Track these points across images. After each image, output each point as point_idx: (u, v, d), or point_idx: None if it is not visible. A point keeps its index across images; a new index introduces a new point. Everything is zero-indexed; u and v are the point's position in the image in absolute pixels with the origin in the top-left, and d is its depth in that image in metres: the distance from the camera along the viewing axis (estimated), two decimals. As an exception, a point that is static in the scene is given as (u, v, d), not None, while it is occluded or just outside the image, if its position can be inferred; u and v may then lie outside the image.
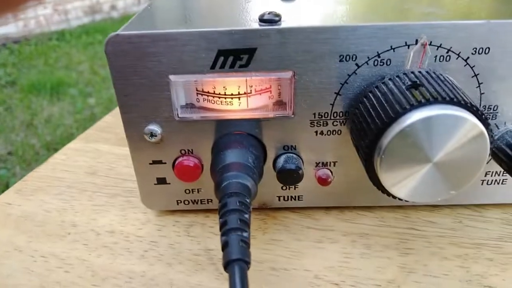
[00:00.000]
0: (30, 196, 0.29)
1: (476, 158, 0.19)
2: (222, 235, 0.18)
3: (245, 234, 0.18)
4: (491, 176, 0.25)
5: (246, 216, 0.19)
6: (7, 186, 1.19)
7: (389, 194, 0.20)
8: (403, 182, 0.20)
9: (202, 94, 0.23)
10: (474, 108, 0.18)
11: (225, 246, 0.17)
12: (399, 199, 0.20)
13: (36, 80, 1.92)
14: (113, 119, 0.39)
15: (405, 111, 0.18)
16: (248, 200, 0.20)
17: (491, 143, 0.19)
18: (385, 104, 0.19)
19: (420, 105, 0.18)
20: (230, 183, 0.20)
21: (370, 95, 0.21)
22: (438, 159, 0.19)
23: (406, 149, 0.19)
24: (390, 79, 0.21)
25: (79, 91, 1.84)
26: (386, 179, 0.20)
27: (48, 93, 1.83)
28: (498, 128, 0.23)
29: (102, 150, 0.34)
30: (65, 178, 0.31)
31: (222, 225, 0.18)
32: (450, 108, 0.18)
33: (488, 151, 0.19)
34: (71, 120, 1.63)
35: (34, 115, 1.67)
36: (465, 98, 0.19)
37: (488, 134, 0.19)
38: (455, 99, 0.18)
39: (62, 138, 1.51)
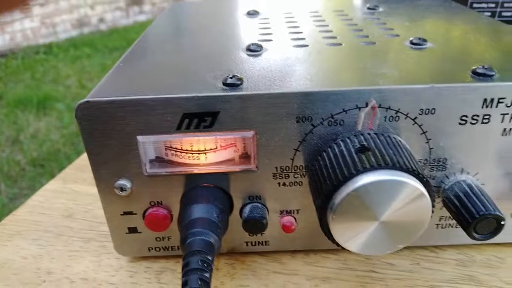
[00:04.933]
0: (7, 241, 0.30)
1: (420, 217, 0.21)
2: (183, 295, 0.19)
3: (204, 294, 0.19)
4: (445, 220, 0.27)
5: (207, 275, 0.20)
6: (-8, 204, 1.19)
7: (343, 247, 0.22)
8: (354, 238, 0.21)
9: (170, 149, 0.24)
10: (416, 172, 0.20)
11: (185, 307, 0.19)
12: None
13: (22, 95, 1.91)
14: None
15: (352, 176, 0.20)
16: (210, 258, 0.21)
17: (434, 201, 0.21)
18: (336, 167, 0.21)
19: (366, 170, 0.20)
20: (194, 240, 0.22)
21: (324, 154, 0.22)
22: (384, 218, 0.20)
23: (355, 209, 0.20)
24: (342, 140, 0.22)
25: (66, 106, 1.84)
26: (339, 235, 0.21)
27: (35, 108, 1.82)
28: (448, 178, 0.25)
29: (79, 191, 0.35)
30: (42, 221, 0.32)
31: (183, 285, 0.19)
32: (393, 174, 0.20)
33: (431, 211, 0.21)
34: (57, 136, 1.62)
35: (20, 130, 1.66)
36: (407, 162, 0.20)
37: (430, 195, 0.20)
38: (397, 165, 0.20)
39: (49, 154, 1.51)
